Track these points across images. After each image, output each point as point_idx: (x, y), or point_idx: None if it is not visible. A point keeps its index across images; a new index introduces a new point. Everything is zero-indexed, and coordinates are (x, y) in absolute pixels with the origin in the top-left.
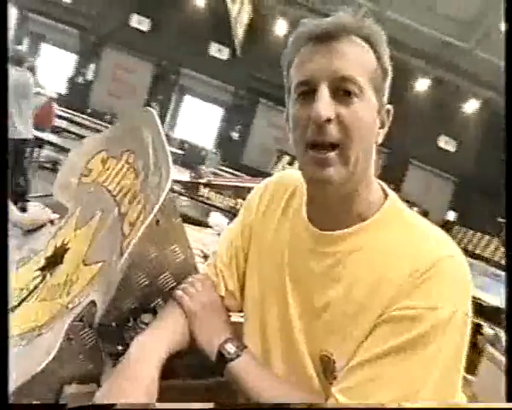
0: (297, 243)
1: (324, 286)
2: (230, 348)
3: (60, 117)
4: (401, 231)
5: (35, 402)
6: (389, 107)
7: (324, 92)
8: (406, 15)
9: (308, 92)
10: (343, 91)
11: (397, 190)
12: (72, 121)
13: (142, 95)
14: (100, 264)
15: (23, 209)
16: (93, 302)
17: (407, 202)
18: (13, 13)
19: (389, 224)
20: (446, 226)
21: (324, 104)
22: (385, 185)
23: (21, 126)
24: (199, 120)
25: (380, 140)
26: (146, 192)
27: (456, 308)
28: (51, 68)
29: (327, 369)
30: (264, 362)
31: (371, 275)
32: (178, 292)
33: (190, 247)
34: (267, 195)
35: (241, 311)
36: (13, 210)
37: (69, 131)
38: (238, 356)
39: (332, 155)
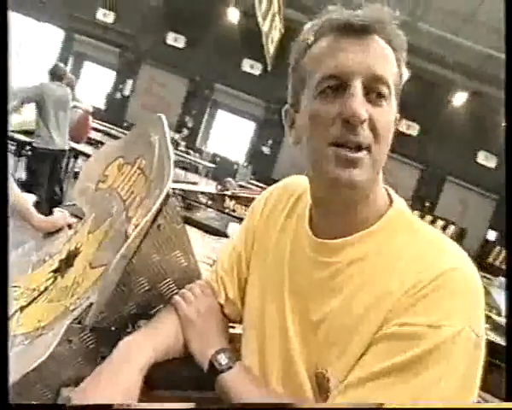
0: (297, 251)
1: (322, 298)
2: (222, 359)
3: (96, 130)
4: (405, 241)
5: (34, 402)
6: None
7: (359, 89)
8: (442, 27)
9: (336, 87)
10: (376, 93)
11: (432, 206)
12: (108, 134)
13: (176, 109)
14: (104, 267)
15: None
16: (92, 305)
17: (443, 219)
18: (59, 34)
19: (393, 232)
20: (486, 247)
21: (361, 103)
22: (391, 191)
23: (58, 138)
24: (231, 134)
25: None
26: (150, 196)
27: (461, 327)
28: (92, 85)
29: (321, 387)
30: (262, 376)
31: (372, 287)
32: (176, 297)
33: (193, 254)
34: (271, 201)
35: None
36: (34, 213)
37: (104, 143)
38: (230, 368)
39: (361, 155)
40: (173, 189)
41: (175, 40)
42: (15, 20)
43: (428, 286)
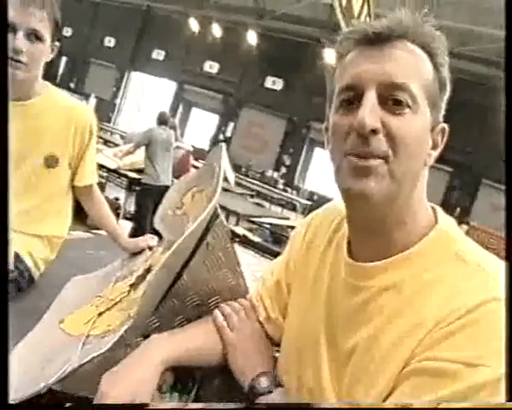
0: (335, 276)
1: (354, 326)
2: (263, 383)
3: (198, 168)
4: (446, 267)
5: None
6: (444, 125)
7: (371, 98)
8: None
9: (353, 99)
10: (393, 100)
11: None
12: None
13: (274, 149)
14: None
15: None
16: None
17: None
18: (172, 85)
19: (433, 257)
20: None
21: (370, 112)
22: (439, 209)
23: (163, 175)
24: (328, 171)
25: (430, 162)
26: None
27: (504, 371)
28: (198, 128)
29: None
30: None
31: (405, 317)
32: (220, 320)
33: (242, 273)
34: (312, 228)
35: None
36: (122, 236)
37: None
38: (269, 392)
39: (375, 163)
40: (261, 222)
41: (273, 83)
42: (137, 77)
43: (463, 318)
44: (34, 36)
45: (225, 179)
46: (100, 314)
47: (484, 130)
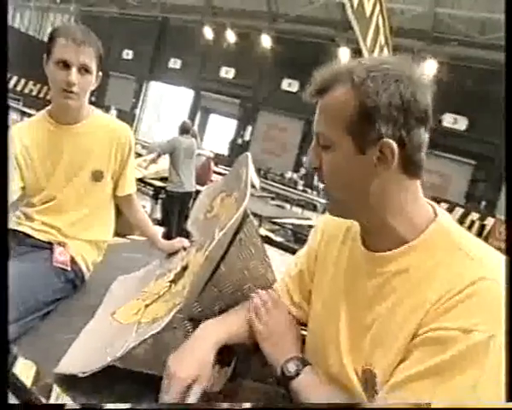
0: (354, 266)
1: (373, 304)
2: (291, 367)
3: (219, 174)
4: (445, 253)
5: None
6: (386, 142)
7: (313, 141)
8: None
9: None
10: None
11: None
12: None
13: (293, 150)
14: None
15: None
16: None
17: None
18: (189, 93)
19: (434, 245)
20: None
21: (310, 155)
22: (437, 207)
23: (186, 182)
24: None
25: (388, 178)
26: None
27: (492, 333)
28: (217, 134)
29: (369, 382)
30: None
31: (413, 296)
32: (251, 315)
33: (270, 264)
34: (330, 224)
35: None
36: (159, 239)
37: None
38: (298, 374)
39: (323, 190)
40: (283, 223)
41: (289, 85)
42: (155, 87)
43: (459, 294)
44: (84, 70)
45: (252, 185)
46: (147, 306)
47: None
